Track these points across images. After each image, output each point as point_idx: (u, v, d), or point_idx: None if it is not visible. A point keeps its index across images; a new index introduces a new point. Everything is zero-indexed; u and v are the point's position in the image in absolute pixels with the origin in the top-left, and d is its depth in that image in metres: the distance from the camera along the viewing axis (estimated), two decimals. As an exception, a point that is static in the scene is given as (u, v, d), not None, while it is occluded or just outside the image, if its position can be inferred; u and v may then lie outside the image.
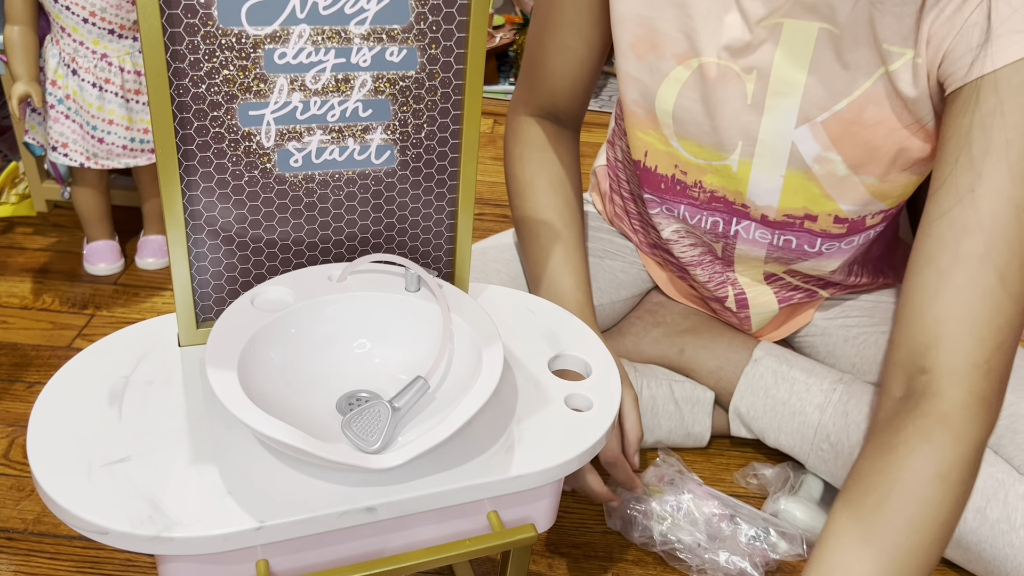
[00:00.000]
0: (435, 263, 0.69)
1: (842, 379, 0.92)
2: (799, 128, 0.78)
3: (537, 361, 0.67)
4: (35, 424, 0.57)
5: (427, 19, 0.59)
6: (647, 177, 0.90)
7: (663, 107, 0.82)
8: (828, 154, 0.78)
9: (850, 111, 0.75)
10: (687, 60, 0.79)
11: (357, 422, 0.56)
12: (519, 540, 0.58)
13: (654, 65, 0.81)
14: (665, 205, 0.91)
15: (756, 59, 0.77)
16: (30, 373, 1.09)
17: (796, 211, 0.84)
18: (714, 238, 0.91)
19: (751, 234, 0.89)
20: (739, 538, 0.86)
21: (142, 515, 0.51)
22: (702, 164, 0.85)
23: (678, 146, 0.85)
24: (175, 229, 0.60)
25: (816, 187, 0.81)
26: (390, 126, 0.62)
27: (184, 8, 0.53)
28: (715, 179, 0.85)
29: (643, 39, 0.80)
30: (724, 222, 0.89)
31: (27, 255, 1.36)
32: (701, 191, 0.87)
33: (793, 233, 0.87)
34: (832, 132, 0.77)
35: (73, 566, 0.84)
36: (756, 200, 0.85)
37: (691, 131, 0.83)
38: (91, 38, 1.19)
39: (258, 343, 0.59)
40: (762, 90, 0.77)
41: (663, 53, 0.80)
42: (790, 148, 0.79)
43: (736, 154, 0.82)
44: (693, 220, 0.90)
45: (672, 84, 0.81)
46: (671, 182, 0.88)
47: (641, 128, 0.86)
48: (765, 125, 0.79)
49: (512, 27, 2.26)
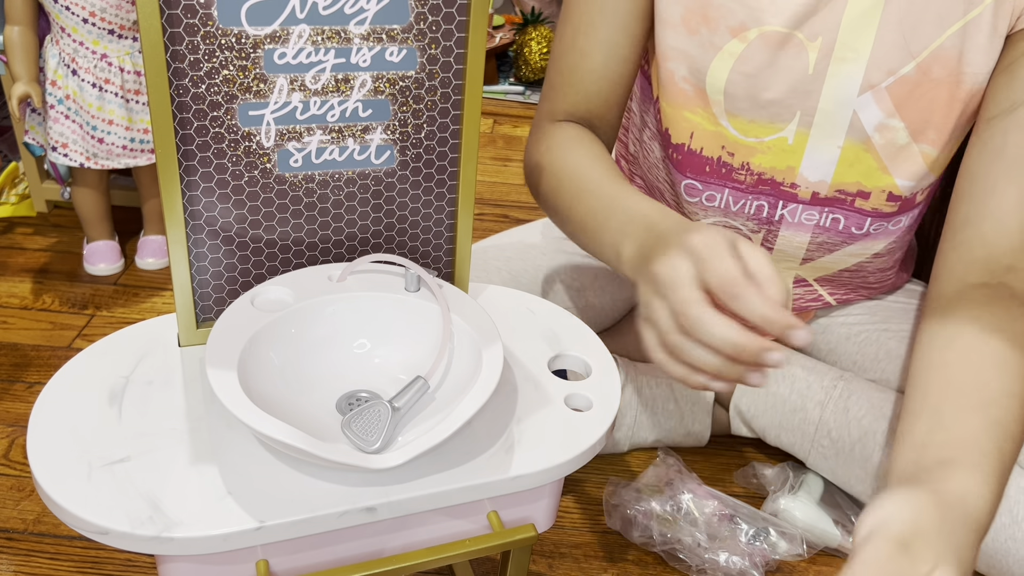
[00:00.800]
0: (435, 263, 0.69)
1: (843, 376, 0.92)
2: (862, 95, 0.77)
3: (537, 361, 0.67)
4: (35, 424, 0.57)
5: (427, 19, 0.59)
6: (691, 161, 0.87)
7: (714, 83, 0.81)
8: (890, 121, 0.78)
9: (916, 72, 0.75)
10: (743, 32, 0.78)
11: (357, 422, 0.56)
12: (519, 540, 0.58)
13: (706, 39, 0.79)
14: (707, 193, 0.89)
15: (821, 25, 0.76)
16: (30, 373, 1.09)
17: (849, 186, 0.84)
18: (756, 225, 0.89)
19: (797, 217, 0.87)
20: (739, 538, 0.86)
21: (142, 515, 0.51)
22: (752, 143, 0.83)
23: (727, 124, 0.83)
24: (175, 229, 0.60)
25: (873, 159, 0.81)
26: (390, 126, 0.62)
27: (184, 8, 0.53)
28: (764, 159, 0.84)
29: (695, 12, 0.79)
30: (769, 206, 0.87)
31: (27, 255, 1.36)
32: (748, 174, 0.86)
33: (842, 211, 0.86)
34: (896, 96, 0.77)
35: (73, 566, 0.84)
36: (809, 175, 0.84)
37: (743, 106, 0.81)
38: (91, 38, 1.19)
39: (258, 343, 0.59)
40: (826, 57, 0.77)
41: (716, 26, 0.78)
42: (851, 117, 0.79)
43: (793, 124, 0.81)
44: (736, 206, 0.88)
45: (725, 58, 0.79)
46: (716, 164, 0.86)
47: (688, 108, 0.84)
48: (827, 93, 0.78)
49: (512, 27, 2.26)
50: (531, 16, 2.17)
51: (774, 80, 0.79)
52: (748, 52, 0.78)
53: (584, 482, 0.96)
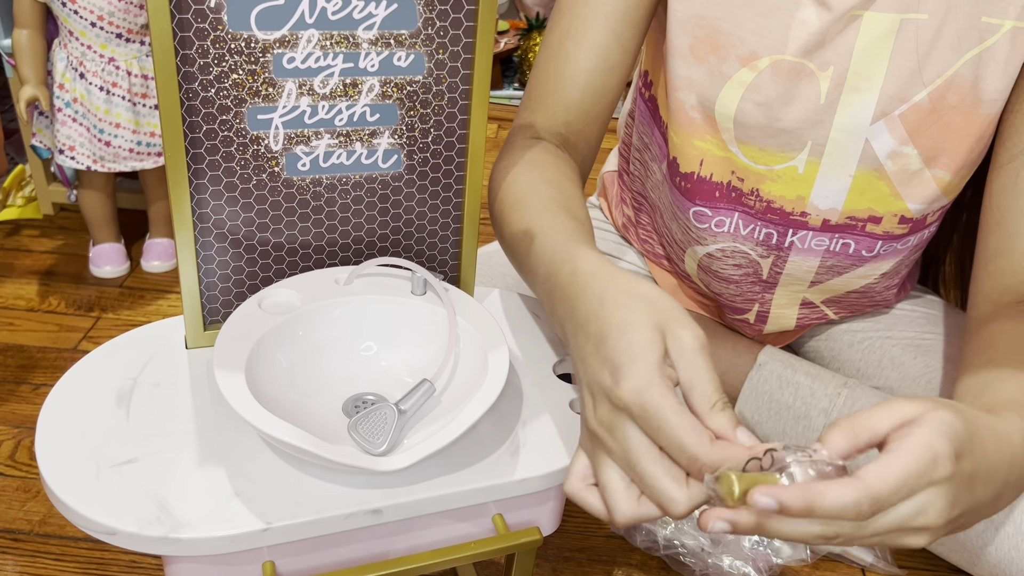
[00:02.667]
0: (441, 267, 0.70)
1: (847, 383, 0.92)
2: (875, 124, 0.77)
3: (542, 365, 0.68)
4: (44, 425, 0.57)
5: (435, 24, 0.59)
6: (700, 188, 0.86)
7: (723, 111, 0.80)
8: (904, 148, 0.78)
9: (930, 100, 0.75)
10: (753, 61, 0.77)
11: (363, 424, 0.56)
12: (524, 543, 0.58)
13: (715, 67, 0.78)
14: (716, 219, 0.87)
15: (833, 54, 0.75)
16: (36, 375, 1.10)
17: (860, 212, 0.83)
18: (765, 251, 0.88)
19: (807, 243, 0.86)
20: (743, 542, 0.86)
21: (150, 516, 0.51)
22: (762, 170, 0.82)
23: (737, 151, 0.82)
24: (183, 232, 0.60)
25: (886, 185, 0.80)
26: (397, 130, 0.62)
27: (194, 13, 0.54)
28: (774, 187, 0.83)
29: (703, 41, 0.78)
30: (779, 234, 0.86)
31: (33, 257, 1.37)
32: (758, 200, 0.84)
33: (853, 236, 0.85)
34: (909, 124, 0.76)
35: (78, 567, 0.84)
36: (819, 203, 0.83)
37: (753, 135, 0.80)
38: (99, 42, 1.19)
39: (265, 346, 0.59)
40: (838, 86, 0.76)
41: (726, 55, 0.77)
42: (863, 146, 0.78)
43: (804, 154, 0.80)
44: (746, 230, 0.87)
45: (735, 87, 0.78)
46: (726, 189, 0.85)
47: (697, 136, 0.83)
48: (838, 123, 0.78)
49: (516, 32, 2.27)
50: (536, 22, 2.18)
51: (785, 109, 0.78)
52: (758, 81, 0.77)
53: (588, 486, 0.96)
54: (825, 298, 0.93)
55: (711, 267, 0.93)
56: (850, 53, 0.75)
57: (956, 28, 0.72)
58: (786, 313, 0.95)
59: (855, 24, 0.73)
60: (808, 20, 0.74)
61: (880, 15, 0.73)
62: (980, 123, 0.76)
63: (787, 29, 0.75)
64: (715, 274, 0.93)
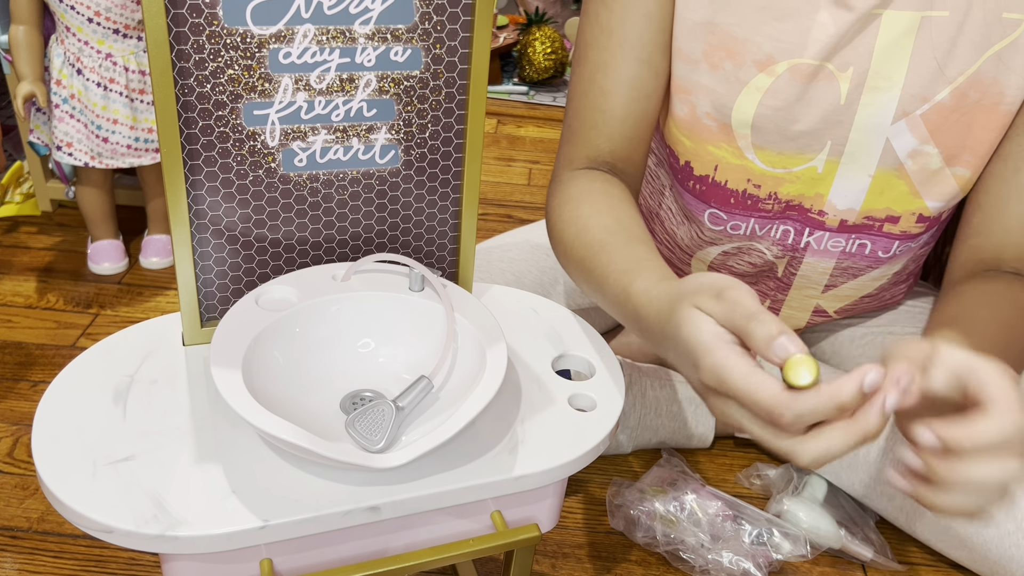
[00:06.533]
0: (439, 263, 0.69)
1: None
2: (896, 123, 0.76)
3: (541, 361, 0.67)
4: (40, 423, 0.57)
5: (431, 19, 0.59)
6: (715, 192, 0.85)
7: (740, 117, 0.79)
8: (924, 147, 0.77)
9: (952, 98, 0.74)
10: (770, 66, 0.76)
11: (361, 421, 0.56)
12: (522, 540, 0.58)
13: (731, 74, 0.77)
14: (731, 222, 0.87)
15: (852, 55, 0.74)
16: (34, 372, 1.09)
17: (878, 212, 0.83)
18: (781, 251, 0.88)
19: (823, 244, 0.86)
20: (742, 539, 0.86)
21: (147, 514, 0.51)
22: (779, 174, 0.81)
23: (753, 157, 0.81)
24: (180, 228, 0.60)
25: (905, 184, 0.80)
26: (394, 126, 0.62)
27: (189, 8, 0.53)
28: (792, 187, 0.82)
29: (718, 47, 0.77)
30: (796, 232, 0.86)
31: (31, 254, 1.36)
32: (775, 202, 0.84)
33: (870, 237, 0.85)
34: (931, 123, 0.76)
35: (77, 564, 0.84)
36: (837, 203, 0.82)
37: (770, 139, 0.79)
38: (96, 38, 1.19)
39: (262, 342, 0.59)
40: (858, 87, 0.75)
41: (742, 61, 0.77)
42: (883, 145, 0.78)
43: (823, 154, 0.79)
44: (762, 231, 0.86)
45: (752, 93, 0.77)
46: (742, 196, 0.84)
47: (712, 142, 0.82)
48: (859, 123, 0.77)
49: (516, 27, 2.26)
50: (535, 16, 2.17)
51: (804, 112, 0.77)
52: (776, 86, 0.76)
53: (588, 482, 0.96)
54: (839, 307, 0.93)
55: (725, 263, 0.92)
56: (870, 53, 0.74)
57: (977, 24, 0.72)
58: (797, 315, 0.95)
59: (875, 23, 0.73)
60: (827, 22, 0.73)
61: (900, 13, 0.72)
62: (1001, 119, 0.75)
63: (806, 32, 0.74)
64: (729, 269, 0.92)
